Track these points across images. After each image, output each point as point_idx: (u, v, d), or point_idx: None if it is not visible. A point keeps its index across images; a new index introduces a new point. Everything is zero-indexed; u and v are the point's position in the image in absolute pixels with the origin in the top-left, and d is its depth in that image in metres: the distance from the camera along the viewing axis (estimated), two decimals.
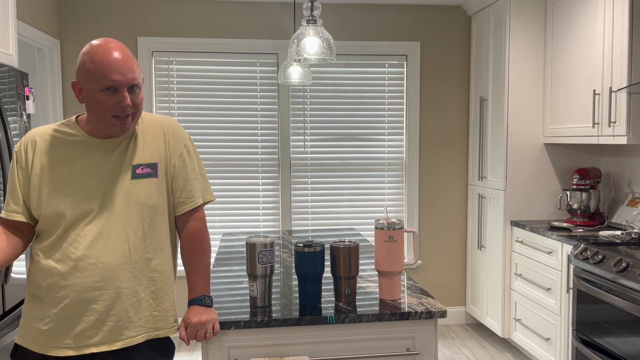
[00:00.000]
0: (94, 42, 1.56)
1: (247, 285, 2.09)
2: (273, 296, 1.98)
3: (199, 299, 1.71)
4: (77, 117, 1.69)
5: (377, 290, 2.04)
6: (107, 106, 1.55)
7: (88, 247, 1.57)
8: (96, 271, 1.57)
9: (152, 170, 1.66)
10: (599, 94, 3.18)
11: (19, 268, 2.52)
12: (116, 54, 1.54)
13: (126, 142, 1.66)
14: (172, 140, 1.71)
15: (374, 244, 2.49)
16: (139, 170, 1.64)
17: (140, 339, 1.64)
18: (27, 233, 1.66)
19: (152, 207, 1.65)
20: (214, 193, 4.23)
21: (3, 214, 1.63)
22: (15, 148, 1.65)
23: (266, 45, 4.22)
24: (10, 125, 2.42)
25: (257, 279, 1.84)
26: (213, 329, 1.70)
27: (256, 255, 1.82)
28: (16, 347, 1.65)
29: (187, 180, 1.72)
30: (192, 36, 4.17)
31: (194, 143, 4.26)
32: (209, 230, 4.28)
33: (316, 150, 4.36)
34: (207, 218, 4.22)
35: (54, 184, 1.60)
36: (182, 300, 4.22)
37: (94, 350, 1.59)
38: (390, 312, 1.80)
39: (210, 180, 4.21)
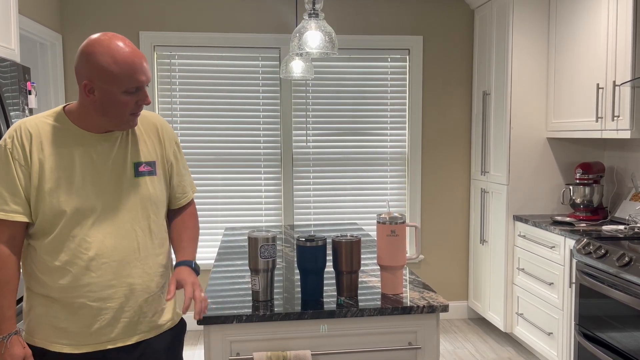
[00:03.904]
0: (107, 39, 1.51)
1: (249, 280, 2.09)
2: (275, 290, 1.99)
3: (191, 262, 1.71)
4: (63, 108, 1.63)
5: (379, 284, 2.04)
6: (129, 106, 1.54)
7: (99, 247, 1.56)
8: (109, 270, 1.58)
9: (151, 168, 1.67)
10: (602, 88, 3.17)
11: None
12: (137, 55, 1.52)
13: (122, 137, 1.64)
14: (166, 139, 1.74)
15: (376, 238, 2.49)
16: (141, 168, 1.64)
17: (154, 332, 1.68)
18: (21, 234, 1.58)
19: (155, 204, 1.67)
20: (216, 188, 4.27)
21: (0, 215, 1.54)
22: (6, 142, 1.55)
23: (268, 39, 4.21)
24: (13, 120, 2.42)
25: (259, 273, 1.84)
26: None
27: (258, 250, 1.82)
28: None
29: (180, 177, 1.78)
30: (194, 30, 4.17)
31: (194, 138, 4.23)
32: (212, 224, 4.31)
33: (318, 145, 4.36)
34: (209, 213, 4.27)
35: (55, 180, 1.55)
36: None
37: (110, 346, 1.61)
38: (392, 306, 1.80)
39: (212, 175, 4.27)
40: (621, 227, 3.17)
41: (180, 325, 1.80)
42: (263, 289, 1.86)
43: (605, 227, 3.19)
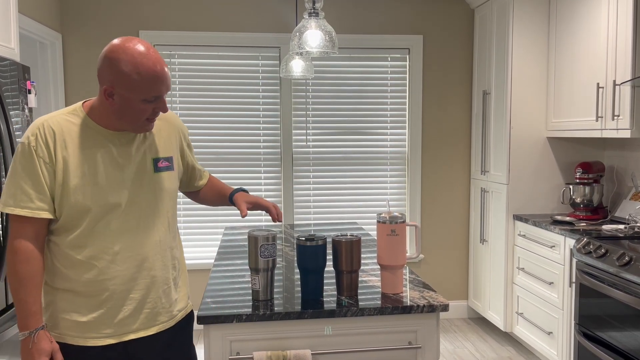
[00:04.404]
0: (132, 47, 1.51)
1: (249, 279, 2.09)
2: (275, 290, 1.98)
3: (243, 188, 1.97)
4: (82, 104, 1.65)
5: (379, 284, 2.04)
6: (146, 113, 1.58)
7: (124, 241, 1.62)
8: (133, 263, 1.64)
9: (169, 163, 1.74)
10: (602, 88, 3.16)
11: None
12: (159, 65, 1.53)
13: (140, 135, 1.69)
14: (182, 135, 1.85)
15: (376, 238, 2.49)
16: (160, 164, 1.70)
17: (171, 323, 1.74)
18: (45, 230, 1.60)
19: (172, 198, 1.76)
20: None
21: (26, 212, 1.53)
22: (29, 140, 1.55)
23: (268, 38, 4.21)
24: (12, 119, 2.42)
25: (259, 272, 1.84)
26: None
27: (258, 249, 1.82)
28: None
29: (196, 163, 1.96)
30: (194, 30, 4.16)
31: (194, 137, 4.24)
32: (211, 223, 4.32)
33: (318, 144, 4.36)
34: (209, 212, 4.29)
35: (79, 177, 1.57)
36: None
37: (133, 336, 1.66)
38: (392, 305, 1.80)
39: (212, 175, 4.25)
40: (621, 226, 3.17)
41: (190, 314, 1.86)
42: (263, 288, 1.86)
43: (605, 227, 3.19)
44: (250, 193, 4.24)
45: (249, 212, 4.33)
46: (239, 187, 1.97)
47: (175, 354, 1.78)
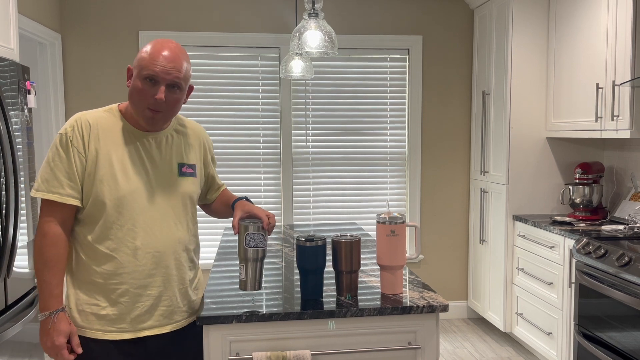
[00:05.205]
0: (161, 39, 1.67)
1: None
2: (274, 290, 1.98)
3: (246, 197, 1.96)
4: (118, 105, 1.76)
5: (378, 284, 2.04)
6: (144, 95, 1.63)
7: (145, 237, 1.68)
8: (152, 260, 1.70)
9: (192, 170, 1.83)
10: (602, 88, 3.17)
11: (22, 262, 2.52)
12: (169, 51, 1.63)
13: (168, 139, 1.78)
14: (208, 147, 1.93)
15: (375, 238, 2.49)
16: (184, 169, 1.80)
17: (184, 322, 1.81)
18: (72, 218, 1.68)
19: (193, 203, 1.84)
20: None
21: (56, 197, 1.63)
22: (67, 131, 1.66)
23: (268, 39, 4.21)
24: (12, 120, 2.42)
25: (244, 261, 1.79)
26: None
27: (244, 238, 1.78)
28: None
29: (217, 177, 2.03)
30: (193, 30, 4.16)
31: None
32: (212, 224, 4.32)
33: (318, 144, 4.36)
34: None
35: (106, 170, 1.66)
36: None
37: (147, 333, 1.72)
38: (391, 306, 1.80)
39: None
40: (621, 227, 3.17)
41: None
42: (250, 279, 1.80)
43: (604, 227, 3.19)
44: (251, 194, 4.29)
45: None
46: (242, 195, 1.99)
47: (188, 350, 1.84)
